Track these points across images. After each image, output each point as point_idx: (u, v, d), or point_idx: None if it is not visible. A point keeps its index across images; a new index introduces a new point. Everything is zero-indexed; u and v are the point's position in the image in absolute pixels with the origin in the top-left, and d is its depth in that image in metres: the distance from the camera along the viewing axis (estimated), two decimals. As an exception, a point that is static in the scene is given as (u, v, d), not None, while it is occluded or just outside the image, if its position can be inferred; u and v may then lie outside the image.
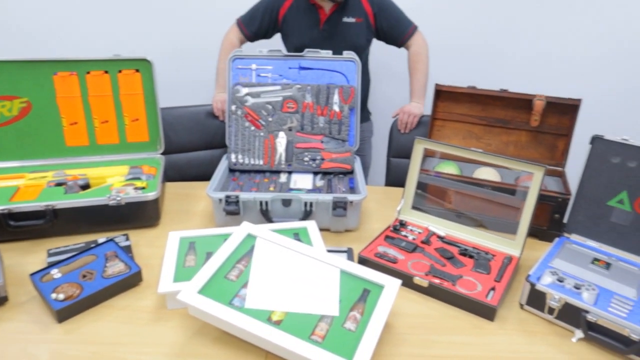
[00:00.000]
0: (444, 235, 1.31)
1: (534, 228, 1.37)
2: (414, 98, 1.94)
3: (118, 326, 1.03)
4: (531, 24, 2.38)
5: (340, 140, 1.55)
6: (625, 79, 2.49)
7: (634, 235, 1.20)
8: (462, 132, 1.60)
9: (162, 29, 2.35)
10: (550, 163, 1.50)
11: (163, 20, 2.33)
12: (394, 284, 1.03)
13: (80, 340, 0.98)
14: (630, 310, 1.02)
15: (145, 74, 1.53)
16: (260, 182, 1.50)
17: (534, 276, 1.11)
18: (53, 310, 1.01)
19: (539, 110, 1.45)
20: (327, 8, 1.84)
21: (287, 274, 1.05)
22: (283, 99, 1.55)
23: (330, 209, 1.33)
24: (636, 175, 1.19)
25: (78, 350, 0.96)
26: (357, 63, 1.57)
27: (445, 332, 1.04)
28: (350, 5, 1.85)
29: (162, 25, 2.34)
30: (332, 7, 1.83)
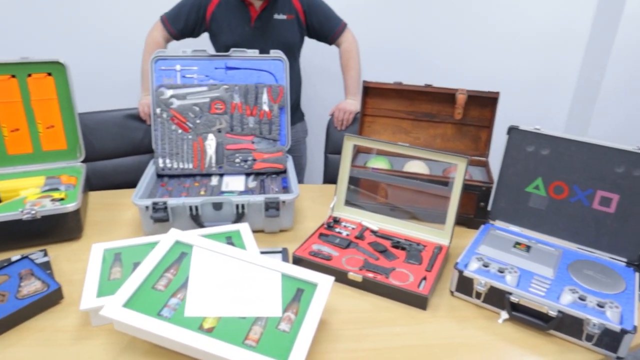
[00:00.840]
0: (377, 230, 1.34)
1: (462, 217, 1.43)
2: (349, 95, 1.97)
3: (38, 350, 0.95)
4: (452, 22, 2.48)
5: (272, 140, 1.54)
6: (539, 72, 2.67)
7: (550, 219, 1.28)
8: (392, 127, 1.63)
9: (79, 28, 2.20)
10: (474, 154, 1.57)
11: (80, 18, 2.19)
12: (327, 281, 1.03)
13: (-8, 368, 0.91)
14: (548, 289, 1.08)
15: (58, 77, 1.43)
16: (190, 186, 1.46)
17: (461, 263, 1.15)
18: (-40, 338, 0.92)
19: (461, 103, 1.50)
20: (257, 5, 1.81)
21: (226, 280, 1.03)
22: (210, 100, 1.51)
23: (262, 210, 1.31)
24: (549, 162, 1.26)
25: (-9, 380, 0.89)
26: (284, 62, 1.56)
27: (379, 325, 1.06)
28: (281, 2, 1.84)
29: (79, 23, 2.20)
30: (263, 4, 1.81)
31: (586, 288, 1.09)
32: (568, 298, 1.05)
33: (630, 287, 1.11)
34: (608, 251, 1.23)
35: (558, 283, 1.10)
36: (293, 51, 1.89)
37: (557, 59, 2.67)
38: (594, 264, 1.19)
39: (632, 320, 0.99)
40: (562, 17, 2.57)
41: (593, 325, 0.99)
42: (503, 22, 2.53)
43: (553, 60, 2.67)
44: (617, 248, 1.22)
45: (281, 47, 1.70)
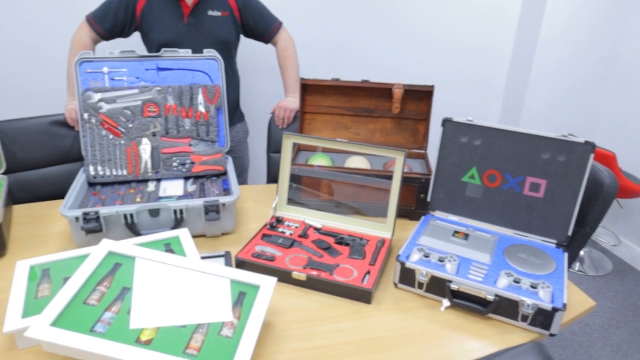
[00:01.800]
0: (320, 227, 1.33)
1: (404, 209, 1.46)
2: (289, 93, 1.96)
3: (-44, 380, 0.88)
4: (388, 19, 2.53)
5: (210, 142, 1.50)
6: (473, 68, 2.79)
7: (485, 206, 1.33)
8: (332, 123, 1.64)
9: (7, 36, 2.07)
10: (413, 146, 1.61)
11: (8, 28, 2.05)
12: (270, 282, 1.01)
13: None
14: (486, 274, 1.12)
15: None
16: (125, 193, 1.39)
17: (403, 255, 1.17)
18: None
19: (398, 97, 1.53)
20: (189, 1, 1.76)
21: (172, 290, 0.99)
22: (143, 103, 1.44)
23: (202, 214, 1.28)
24: (482, 152, 1.31)
25: None
26: (219, 61, 1.52)
27: (325, 322, 1.06)
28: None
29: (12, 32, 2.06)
30: (196, 0, 1.77)
31: (520, 271, 1.14)
32: (504, 282, 1.09)
33: (560, 267, 1.17)
34: (539, 234, 1.29)
35: (495, 268, 1.15)
36: (229, 49, 1.86)
37: (488, 55, 2.80)
38: (527, 247, 1.24)
39: (562, 298, 1.05)
40: (490, 14, 2.69)
41: (527, 306, 1.03)
42: (435, 19, 2.61)
43: (485, 56, 2.81)
44: (547, 231, 1.28)
45: (217, 45, 1.67)
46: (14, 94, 1.98)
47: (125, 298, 0.95)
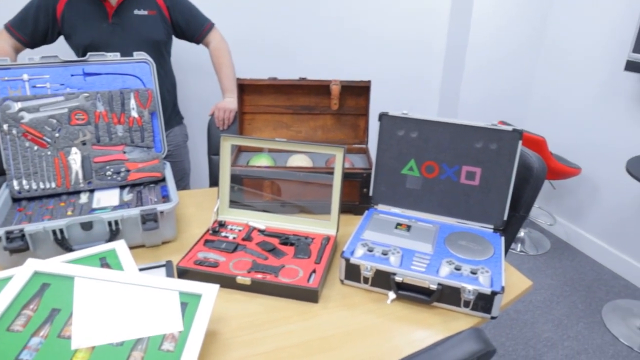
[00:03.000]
0: (264, 229, 1.32)
1: (349, 204, 1.47)
2: (226, 93, 1.92)
3: None
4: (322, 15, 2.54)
5: (145, 148, 1.44)
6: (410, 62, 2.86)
7: (425, 197, 1.36)
8: (272, 122, 1.62)
9: None
10: (354, 142, 1.62)
11: None
12: (212, 290, 0.99)
13: None
14: (428, 264, 1.15)
15: None
16: (55, 207, 1.31)
17: (347, 251, 1.18)
18: None
19: (336, 94, 1.54)
20: (113, 0, 1.69)
21: (115, 307, 0.94)
22: (70, 111, 1.36)
23: (139, 223, 1.22)
24: (419, 144, 1.34)
25: None
26: (150, 64, 1.46)
27: (272, 326, 1.04)
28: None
29: None
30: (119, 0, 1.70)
31: (461, 258, 1.17)
32: (446, 270, 1.12)
33: (498, 251, 1.21)
34: (477, 220, 1.33)
35: (437, 257, 1.17)
36: (160, 49, 1.80)
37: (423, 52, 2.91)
38: (466, 234, 1.28)
39: (500, 282, 1.08)
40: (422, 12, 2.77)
41: (468, 292, 1.06)
42: (369, 17, 2.66)
43: (420, 53, 2.92)
44: (485, 217, 1.33)
45: (145, 44, 1.62)
46: None
47: (55, 320, 0.89)
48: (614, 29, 2.58)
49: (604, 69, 2.67)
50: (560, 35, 2.94)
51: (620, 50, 2.55)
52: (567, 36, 2.89)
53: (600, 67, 2.70)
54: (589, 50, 2.76)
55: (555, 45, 2.98)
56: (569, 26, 2.87)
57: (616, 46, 2.58)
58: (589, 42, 2.74)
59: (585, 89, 2.83)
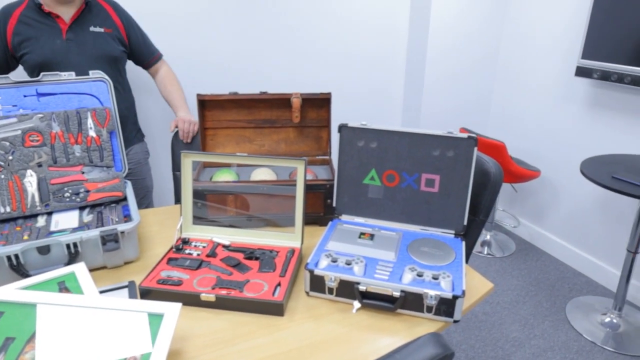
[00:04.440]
0: (229, 244, 1.31)
1: (313, 216, 1.48)
2: (181, 110, 1.93)
3: None
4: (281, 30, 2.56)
5: (105, 167, 1.42)
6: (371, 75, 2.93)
7: (388, 206, 1.39)
8: (235, 137, 1.62)
9: None
10: (317, 153, 1.64)
11: None
12: (174, 308, 0.98)
13: None
14: (391, 272, 1.17)
15: None
16: (10, 232, 1.27)
17: (311, 263, 1.19)
18: None
19: (297, 107, 1.55)
20: (66, 17, 1.68)
21: (82, 332, 0.92)
22: (23, 133, 1.33)
23: (100, 244, 1.20)
24: (378, 154, 1.37)
25: None
26: (107, 82, 1.45)
27: (238, 341, 1.04)
28: (96, 15, 1.74)
29: None
30: (73, 16, 1.69)
31: (423, 264, 1.20)
32: (408, 277, 1.14)
33: (459, 256, 1.24)
34: (438, 226, 1.37)
35: (399, 264, 1.20)
36: (118, 67, 1.80)
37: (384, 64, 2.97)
38: (428, 240, 1.31)
39: (461, 286, 1.11)
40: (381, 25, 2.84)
41: (430, 297, 1.08)
42: (329, 31, 2.71)
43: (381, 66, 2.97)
44: (445, 222, 1.36)
45: (102, 60, 1.62)
46: None
47: (9, 350, 0.87)
48: (564, 37, 2.71)
49: (557, 76, 2.80)
50: (515, 45, 3.07)
51: (570, 57, 2.68)
52: (521, 46, 3.02)
53: (553, 74, 2.82)
54: (542, 58, 2.88)
55: (511, 54, 3.11)
56: (522, 36, 3.00)
57: (566, 53, 2.71)
58: (542, 50, 2.87)
59: (540, 96, 2.95)
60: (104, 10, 1.77)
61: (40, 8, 1.66)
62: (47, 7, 1.66)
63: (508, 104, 3.21)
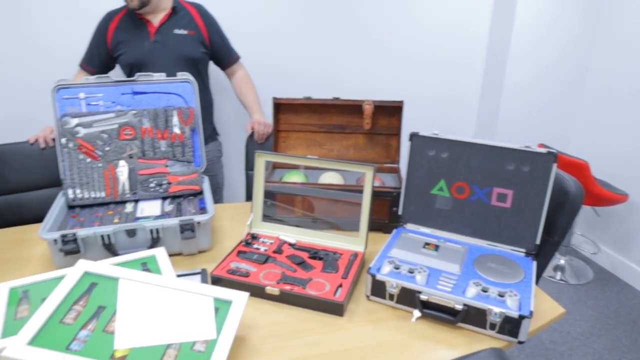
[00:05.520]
0: (294, 242, 1.36)
1: (378, 223, 1.49)
2: (256, 113, 2.02)
3: None
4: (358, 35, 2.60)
5: (186, 162, 1.53)
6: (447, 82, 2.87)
7: (455, 218, 1.37)
8: (306, 140, 1.68)
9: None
10: (386, 161, 1.65)
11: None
12: (242, 297, 1.04)
13: None
14: (455, 284, 1.15)
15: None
16: (103, 215, 1.42)
17: (374, 268, 1.20)
18: None
19: (368, 114, 1.58)
20: (155, 21, 1.85)
21: (155, 309, 1.01)
22: (119, 127, 1.48)
23: (178, 232, 1.30)
24: (449, 165, 1.35)
25: None
26: (193, 84, 1.56)
27: (298, 336, 1.08)
28: (181, 18, 1.89)
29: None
30: (161, 19, 1.85)
31: (489, 280, 1.17)
32: (472, 291, 1.12)
33: (529, 276, 1.20)
34: (508, 243, 1.32)
35: (464, 278, 1.18)
36: (198, 68, 1.93)
37: (461, 71, 2.89)
38: (496, 257, 1.28)
39: (529, 306, 1.07)
40: (460, 34, 2.78)
41: (494, 314, 1.06)
42: (406, 37, 2.69)
43: (458, 73, 2.89)
44: (516, 240, 1.32)
45: (184, 62, 1.76)
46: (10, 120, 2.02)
47: (100, 316, 0.97)
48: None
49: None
50: (609, 55, 2.85)
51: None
52: (616, 55, 2.80)
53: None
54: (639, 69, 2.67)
55: (603, 65, 2.90)
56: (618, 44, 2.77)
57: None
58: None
59: (635, 114, 2.73)
60: (188, 13, 1.91)
61: (134, 13, 1.84)
62: (139, 13, 1.83)
63: (596, 120, 3.00)
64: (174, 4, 1.87)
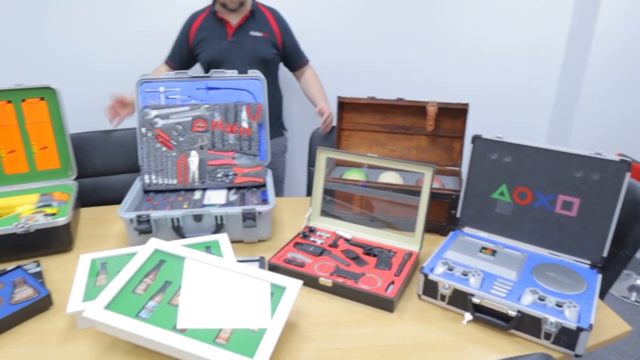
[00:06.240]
0: (350, 238, 1.39)
1: (435, 224, 1.49)
2: (321, 101, 2.08)
3: (28, 350, 1.02)
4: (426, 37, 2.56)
5: (251, 155, 1.62)
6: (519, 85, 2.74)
7: (515, 224, 1.33)
8: (368, 140, 1.70)
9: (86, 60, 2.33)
10: (448, 164, 1.63)
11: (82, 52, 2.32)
12: (295, 284, 1.09)
13: (-14, 368, 0.98)
14: (510, 290, 1.13)
15: (50, 101, 1.54)
16: (174, 200, 1.53)
17: (427, 268, 1.21)
18: (-46, 342, 1.00)
19: (432, 115, 1.57)
20: (233, 22, 1.96)
21: (215, 290, 1.08)
22: (193, 119, 1.60)
23: (240, 220, 1.38)
24: (512, 169, 1.32)
25: (-16, 378, 0.95)
26: (262, 81, 1.65)
27: (348, 327, 1.11)
28: (257, 21, 1.99)
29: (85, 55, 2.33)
30: (239, 22, 1.96)
31: (547, 289, 1.13)
32: (528, 299, 1.09)
33: (592, 288, 1.15)
34: (572, 254, 1.27)
35: (520, 285, 1.15)
36: (269, 67, 2.02)
37: (534, 71, 2.73)
38: (557, 266, 1.23)
39: (589, 319, 1.03)
40: (537, 31, 2.64)
41: (550, 323, 1.03)
42: (478, 38, 2.60)
43: (531, 73, 2.74)
44: (581, 251, 1.26)
45: (256, 61, 1.87)
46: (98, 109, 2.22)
47: (167, 290, 1.06)
48: None
49: None
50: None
51: None
52: None
53: None
54: None
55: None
56: None
57: None
58: None
59: None
60: (264, 17, 2.01)
61: (215, 15, 1.96)
62: (220, 14, 1.96)
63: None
64: (252, 7, 1.98)
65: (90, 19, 2.23)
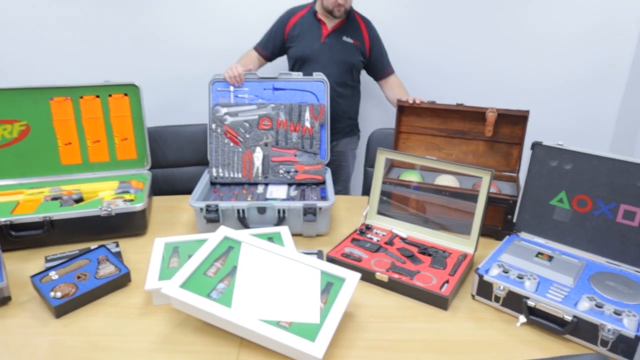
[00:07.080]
0: (405, 237, 1.44)
1: (490, 229, 1.51)
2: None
3: (109, 320, 1.14)
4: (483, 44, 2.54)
5: (312, 154, 1.70)
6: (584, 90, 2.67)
7: (574, 231, 1.33)
8: (425, 143, 1.74)
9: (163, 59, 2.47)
10: (505, 170, 1.64)
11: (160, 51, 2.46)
12: (354, 277, 1.15)
13: (76, 333, 1.10)
14: (566, 296, 1.14)
15: (133, 97, 1.68)
16: (239, 193, 1.64)
17: (482, 269, 1.23)
18: (52, 307, 1.13)
19: (491, 121, 1.59)
20: (329, 25, 2.06)
21: (270, 277, 1.16)
22: (259, 117, 1.70)
23: (301, 215, 1.46)
24: (572, 177, 1.32)
25: (74, 341, 1.07)
26: (325, 83, 1.73)
27: (402, 321, 1.16)
28: (350, 28, 2.08)
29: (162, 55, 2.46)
30: (335, 26, 2.05)
31: (605, 297, 1.13)
32: (585, 305, 1.10)
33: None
34: (634, 264, 1.25)
35: (577, 291, 1.15)
36: (352, 72, 2.10)
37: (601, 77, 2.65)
38: (617, 276, 1.22)
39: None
40: (604, 36, 2.56)
41: (608, 330, 1.03)
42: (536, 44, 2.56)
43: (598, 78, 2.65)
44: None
45: (344, 66, 1.97)
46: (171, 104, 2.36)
47: (234, 274, 1.15)
48: None
49: None
50: None
51: None
52: None
53: None
54: None
55: None
56: None
57: None
58: None
59: None
60: (358, 25, 2.09)
61: (314, 15, 2.06)
62: (319, 15, 2.05)
63: None
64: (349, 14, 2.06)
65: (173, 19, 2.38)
